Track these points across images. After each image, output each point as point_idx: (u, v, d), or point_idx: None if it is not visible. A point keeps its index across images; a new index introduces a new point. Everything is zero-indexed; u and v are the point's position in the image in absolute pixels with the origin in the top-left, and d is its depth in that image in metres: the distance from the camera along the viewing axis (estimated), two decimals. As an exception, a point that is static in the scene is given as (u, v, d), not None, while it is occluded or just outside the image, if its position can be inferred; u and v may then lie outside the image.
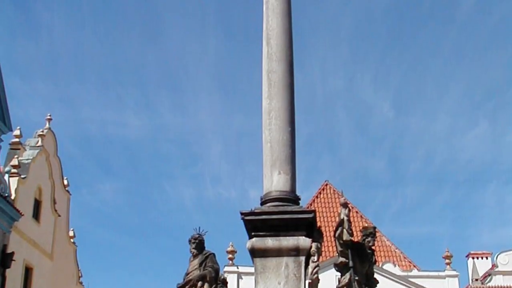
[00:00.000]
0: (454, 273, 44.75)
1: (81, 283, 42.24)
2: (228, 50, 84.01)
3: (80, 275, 42.10)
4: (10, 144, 33.16)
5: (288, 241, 12.97)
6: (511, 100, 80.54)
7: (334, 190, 53.34)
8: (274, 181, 13.74)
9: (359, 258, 12.48)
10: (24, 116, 72.15)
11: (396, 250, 48.28)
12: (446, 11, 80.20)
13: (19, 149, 33.30)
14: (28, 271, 33.12)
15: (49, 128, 36.77)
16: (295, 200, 13.69)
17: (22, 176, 32.15)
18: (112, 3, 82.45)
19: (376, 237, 13.45)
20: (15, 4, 76.85)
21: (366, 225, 18.24)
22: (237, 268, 45.32)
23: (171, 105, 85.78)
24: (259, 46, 15.47)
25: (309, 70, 70.06)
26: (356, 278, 12.39)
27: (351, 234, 12.66)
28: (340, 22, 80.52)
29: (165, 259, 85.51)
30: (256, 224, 13.16)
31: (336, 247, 13.00)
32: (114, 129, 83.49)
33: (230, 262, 45.04)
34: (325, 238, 14.13)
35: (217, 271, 12.54)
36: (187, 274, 12.44)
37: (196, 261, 12.49)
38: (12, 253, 29.90)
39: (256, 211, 13.31)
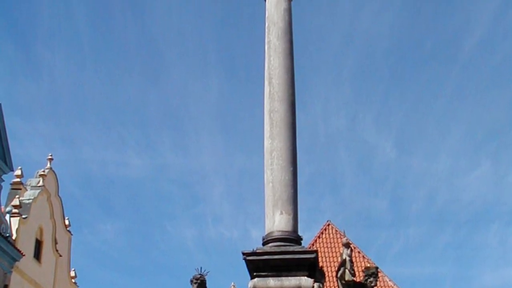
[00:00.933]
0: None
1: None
2: (229, 89, 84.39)
3: (81, 316, 41.69)
4: (11, 184, 33.08)
5: (290, 281, 12.88)
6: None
7: (336, 230, 53.11)
8: (276, 221, 13.69)
9: (361, 299, 12.39)
10: (25, 155, 72.24)
11: (398, 291, 47.87)
12: (448, 51, 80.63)
13: (20, 189, 33.21)
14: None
15: (50, 168, 36.70)
16: (297, 240, 13.62)
17: (23, 216, 31.97)
18: (113, 42, 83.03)
19: (379, 277, 13.36)
20: (16, 44, 77.53)
21: (369, 265, 18.14)
22: None
23: (172, 144, 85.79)
24: (261, 86, 15.55)
25: (311, 110, 70.20)
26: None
27: (353, 274, 12.61)
28: (342, 62, 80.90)
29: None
30: (258, 264, 13.08)
31: (338, 287, 12.92)
32: (115, 169, 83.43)
33: None
34: (327, 278, 14.08)
35: None
36: None
37: None
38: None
39: (258, 251, 13.23)
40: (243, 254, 13.13)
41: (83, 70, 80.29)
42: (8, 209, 31.61)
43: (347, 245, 12.84)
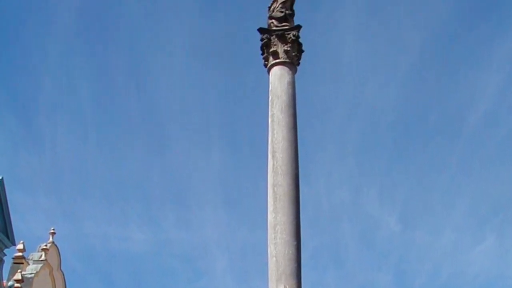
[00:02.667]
0: None
1: None
2: (232, 163, 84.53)
3: None
4: (13, 258, 32.97)
5: None
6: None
7: None
8: None
9: None
10: (27, 230, 71.88)
11: None
12: (453, 125, 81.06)
13: (22, 263, 33.06)
14: None
15: (53, 242, 36.54)
16: None
17: (25, 292, 31.75)
18: (115, 116, 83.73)
19: None
20: (18, 117, 78.23)
21: None
22: None
23: (175, 219, 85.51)
24: (264, 159, 15.52)
25: (314, 183, 70.19)
26: None
27: None
28: (346, 135, 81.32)
29: None
30: None
31: None
32: (117, 243, 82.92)
33: None
34: None
35: None
36: None
37: None
38: None
39: None
40: None
41: (86, 143, 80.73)
42: (10, 283, 31.40)
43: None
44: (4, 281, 31.59)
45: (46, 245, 35.64)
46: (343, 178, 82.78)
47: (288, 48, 16.66)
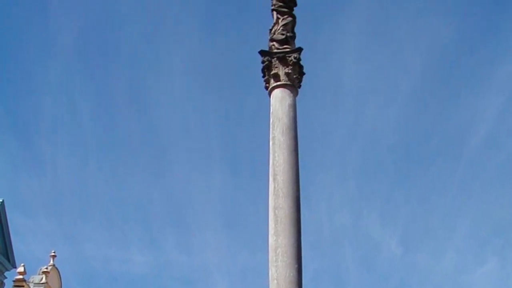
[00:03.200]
0: None
1: None
2: (234, 185, 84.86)
3: None
4: (14, 281, 33.02)
5: None
6: (520, 236, 79.99)
7: None
8: None
9: None
10: (28, 252, 72.00)
11: None
12: (454, 147, 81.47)
13: (23, 286, 33.15)
14: None
15: (53, 265, 36.58)
16: None
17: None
18: (116, 138, 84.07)
19: None
20: (19, 139, 78.62)
21: None
22: None
23: (176, 241, 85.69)
24: (265, 182, 15.52)
25: (315, 206, 70.44)
26: None
27: None
28: (347, 157, 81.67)
29: None
30: None
31: None
32: (118, 266, 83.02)
33: None
34: None
35: None
36: None
37: None
38: None
39: None
40: None
41: (86, 166, 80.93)
42: (10, 307, 31.38)
43: None
44: (5, 305, 31.55)
45: (47, 268, 35.67)
46: (344, 200, 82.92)
47: (289, 71, 16.72)
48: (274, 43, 17.10)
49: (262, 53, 17.05)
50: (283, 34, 17.13)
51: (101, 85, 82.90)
